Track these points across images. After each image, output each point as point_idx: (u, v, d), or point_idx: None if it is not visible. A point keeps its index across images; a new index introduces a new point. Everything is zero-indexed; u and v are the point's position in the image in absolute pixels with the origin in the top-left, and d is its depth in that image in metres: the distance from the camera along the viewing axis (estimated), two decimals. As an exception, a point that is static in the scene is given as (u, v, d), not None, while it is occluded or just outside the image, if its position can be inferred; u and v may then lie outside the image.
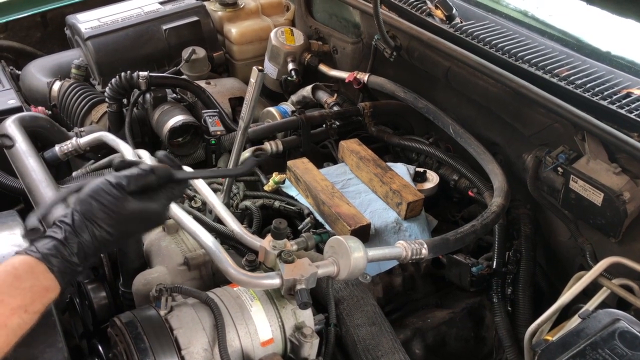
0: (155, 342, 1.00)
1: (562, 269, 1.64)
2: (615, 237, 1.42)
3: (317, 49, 2.32)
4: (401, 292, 1.60)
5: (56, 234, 0.89)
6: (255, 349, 1.08)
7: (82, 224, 0.89)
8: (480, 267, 1.52)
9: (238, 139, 1.48)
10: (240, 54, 2.45)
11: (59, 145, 1.68)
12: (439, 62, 1.84)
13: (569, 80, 1.56)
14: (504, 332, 1.48)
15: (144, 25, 2.24)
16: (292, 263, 1.07)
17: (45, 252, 0.87)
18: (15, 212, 1.28)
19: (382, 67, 2.09)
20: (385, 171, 1.69)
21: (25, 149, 1.52)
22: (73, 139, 1.69)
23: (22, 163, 1.48)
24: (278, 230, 1.11)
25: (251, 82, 1.36)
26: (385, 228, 1.58)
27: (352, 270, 1.08)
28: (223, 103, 2.14)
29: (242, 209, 1.62)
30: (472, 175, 1.71)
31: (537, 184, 1.59)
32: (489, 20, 1.89)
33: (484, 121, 1.80)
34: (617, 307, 1.29)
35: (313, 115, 1.98)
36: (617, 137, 1.36)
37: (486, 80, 1.69)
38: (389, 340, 1.23)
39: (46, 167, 1.48)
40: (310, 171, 1.69)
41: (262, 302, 1.11)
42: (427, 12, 1.95)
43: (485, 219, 1.42)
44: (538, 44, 1.73)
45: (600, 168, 1.43)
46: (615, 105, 1.45)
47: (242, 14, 2.48)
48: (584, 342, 1.00)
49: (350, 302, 1.28)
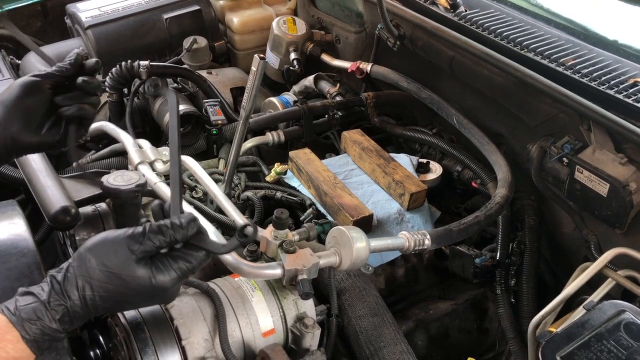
0: (156, 332, 0.99)
1: (566, 260, 1.62)
2: (621, 228, 1.40)
3: (319, 38, 2.30)
4: (404, 283, 1.59)
5: (40, 293, 0.79)
6: (257, 339, 1.07)
7: (73, 283, 0.79)
8: (484, 258, 1.51)
9: (239, 129, 1.46)
10: (241, 43, 2.43)
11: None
12: (443, 51, 1.82)
13: (575, 70, 1.54)
14: (507, 323, 1.47)
15: (144, 15, 2.22)
16: (293, 253, 1.06)
17: (23, 316, 0.76)
18: (15, 202, 1.27)
19: (385, 57, 2.07)
20: (388, 162, 1.68)
21: (25, 139, 1.51)
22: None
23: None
24: (280, 221, 1.09)
25: (252, 70, 1.35)
26: (388, 219, 1.56)
27: (354, 260, 1.07)
28: (224, 93, 2.13)
29: (244, 200, 1.61)
30: (475, 166, 1.69)
31: (541, 175, 1.57)
32: (493, 8, 1.87)
33: (488, 111, 1.78)
34: (622, 298, 1.27)
35: (315, 105, 1.96)
36: (624, 126, 1.34)
37: (491, 70, 1.67)
38: (391, 331, 1.22)
39: (46, 157, 1.47)
40: (313, 162, 1.67)
41: (264, 292, 1.10)
42: (431, 0, 1.93)
43: (489, 210, 1.40)
44: (544, 32, 1.71)
45: (606, 158, 1.41)
46: (622, 95, 1.43)
47: (244, 3, 2.46)
48: (589, 333, 1.00)
49: (352, 293, 1.27)
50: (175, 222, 0.82)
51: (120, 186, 1.16)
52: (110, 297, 0.80)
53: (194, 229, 0.84)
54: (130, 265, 0.80)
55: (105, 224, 1.27)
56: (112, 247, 0.81)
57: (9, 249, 1.11)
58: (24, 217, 1.21)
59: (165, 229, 0.82)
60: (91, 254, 0.80)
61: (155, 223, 0.83)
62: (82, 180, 1.45)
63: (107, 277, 0.80)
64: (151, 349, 0.98)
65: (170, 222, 0.83)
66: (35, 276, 1.07)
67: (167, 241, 0.82)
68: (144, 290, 0.81)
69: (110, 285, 0.80)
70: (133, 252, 0.80)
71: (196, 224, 0.84)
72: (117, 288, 0.80)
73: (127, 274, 0.80)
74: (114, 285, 0.80)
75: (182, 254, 0.84)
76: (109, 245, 0.81)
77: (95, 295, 0.80)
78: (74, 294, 0.79)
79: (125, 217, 1.23)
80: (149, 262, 0.82)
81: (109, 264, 0.80)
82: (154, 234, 0.81)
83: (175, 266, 0.83)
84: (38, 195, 1.29)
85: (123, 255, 0.80)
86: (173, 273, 0.83)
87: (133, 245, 0.80)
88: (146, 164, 1.35)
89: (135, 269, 0.80)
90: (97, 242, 0.82)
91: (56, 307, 0.78)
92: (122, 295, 0.81)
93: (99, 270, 0.79)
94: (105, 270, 0.79)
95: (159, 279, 0.82)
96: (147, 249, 0.81)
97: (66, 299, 0.79)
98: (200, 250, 0.86)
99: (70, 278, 0.79)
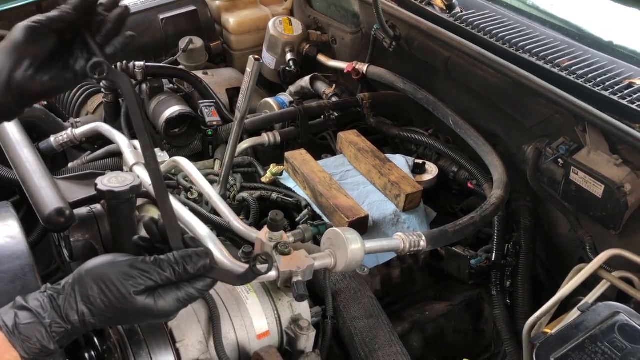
0: (150, 335, 0.99)
1: (562, 261, 1.63)
2: (616, 229, 1.41)
3: (315, 39, 2.30)
4: (399, 284, 1.59)
5: (40, 313, 0.78)
6: (251, 341, 1.07)
7: (74, 307, 0.79)
8: (479, 259, 1.51)
9: (234, 130, 1.46)
10: (238, 43, 2.43)
11: (54, 136, 1.67)
12: (439, 52, 1.82)
13: (570, 71, 1.54)
14: (502, 324, 1.47)
15: (140, 15, 2.22)
16: (288, 255, 1.06)
17: (22, 336, 0.77)
18: (9, 204, 1.26)
19: (381, 58, 2.07)
20: (384, 163, 1.68)
21: (20, 140, 1.50)
22: (69, 130, 1.68)
23: (17, 154, 1.46)
24: (274, 222, 1.09)
25: (247, 71, 1.34)
26: (384, 220, 1.56)
27: (349, 262, 1.07)
28: (220, 93, 2.12)
29: (240, 201, 1.61)
30: (471, 166, 1.70)
31: (537, 176, 1.58)
32: (489, 9, 1.87)
33: (484, 112, 1.78)
34: (617, 299, 1.28)
35: (311, 106, 1.96)
36: (619, 128, 1.34)
37: (486, 71, 1.67)
38: (386, 332, 1.22)
39: (41, 158, 1.46)
40: (308, 163, 1.67)
41: (258, 294, 1.10)
42: (427, 1, 1.93)
43: (485, 211, 1.40)
44: (539, 33, 1.71)
45: (601, 159, 1.41)
46: (617, 96, 1.43)
47: (240, 4, 2.45)
48: (583, 335, 1.00)
49: (347, 295, 1.27)
50: (187, 261, 0.82)
51: (115, 188, 1.15)
52: (110, 322, 0.83)
53: (207, 267, 0.84)
54: (131, 298, 0.80)
55: (100, 226, 1.27)
56: (115, 278, 0.80)
57: (2, 251, 1.10)
58: (17, 219, 1.20)
59: (176, 267, 0.82)
60: (93, 282, 0.80)
61: (164, 259, 0.82)
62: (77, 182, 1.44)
63: (107, 308, 0.80)
64: (145, 351, 0.98)
65: (182, 260, 0.82)
66: (29, 278, 1.07)
67: (173, 280, 0.82)
68: (144, 316, 0.82)
69: (110, 314, 0.81)
70: (135, 287, 0.80)
71: (209, 263, 0.84)
72: (118, 316, 0.81)
73: (128, 306, 0.80)
74: (114, 314, 0.81)
75: (189, 284, 0.84)
76: (112, 275, 0.80)
77: (96, 320, 0.81)
78: (74, 318, 0.80)
79: (119, 219, 1.23)
80: (152, 292, 0.82)
81: (110, 296, 0.80)
82: (162, 271, 0.82)
83: (179, 295, 0.83)
84: (32, 197, 1.29)
85: (125, 290, 0.80)
86: (177, 302, 0.83)
87: (137, 280, 0.80)
88: (141, 165, 1.35)
89: (137, 300, 0.80)
90: (99, 268, 0.82)
91: (57, 330, 0.79)
92: (123, 321, 0.84)
93: (100, 300, 0.80)
94: (107, 301, 0.80)
95: (161, 306, 0.82)
96: (150, 285, 0.81)
97: (67, 323, 0.79)
98: (207, 280, 0.85)
99: (71, 303, 0.80)
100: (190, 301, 0.85)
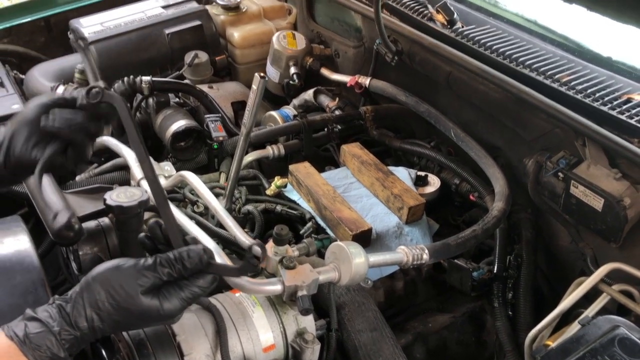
0: (158, 349, 1.01)
1: (563, 273, 1.64)
2: (616, 242, 1.42)
3: (319, 52, 2.32)
4: (402, 296, 1.61)
5: (49, 322, 0.81)
6: (257, 354, 1.09)
7: (82, 314, 0.82)
8: (481, 271, 1.52)
9: (240, 146, 1.49)
10: (242, 57, 2.46)
11: (62, 150, 1.69)
12: (440, 67, 1.84)
13: (569, 86, 1.56)
14: (504, 336, 1.49)
15: (146, 30, 2.25)
16: (293, 269, 1.08)
17: (33, 344, 0.78)
18: (19, 218, 1.29)
19: (383, 71, 2.10)
20: (387, 175, 1.70)
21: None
22: (76, 144, 1.70)
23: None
24: (280, 237, 1.11)
25: (253, 88, 1.37)
26: (387, 232, 1.58)
27: (353, 276, 1.09)
28: (225, 107, 2.15)
29: (245, 213, 1.63)
30: (473, 179, 1.71)
31: (538, 189, 1.60)
32: (490, 25, 1.89)
33: (485, 125, 1.80)
34: (618, 312, 1.29)
35: (315, 119, 1.99)
36: (618, 142, 1.37)
37: (487, 85, 1.70)
38: (389, 345, 1.23)
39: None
40: (312, 175, 1.69)
41: (264, 308, 1.12)
42: (428, 16, 1.95)
43: (487, 223, 1.42)
44: (539, 49, 1.74)
45: (601, 173, 1.43)
46: (616, 111, 1.45)
47: (245, 18, 2.49)
48: (584, 348, 1.01)
49: (351, 308, 1.29)
50: (185, 257, 0.85)
51: (123, 203, 1.18)
52: (118, 326, 0.85)
53: (204, 261, 0.87)
54: (137, 298, 0.83)
55: (108, 239, 1.29)
56: (120, 280, 0.83)
57: (14, 265, 1.13)
58: (28, 233, 1.23)
59: (174, 263, 0.85)
60: (100, 286, 0.83)
61: (163, 256, 0.85)
62: (85, 196, 1.47)
63: (115, 310, 0.83)
64: (154, 364, 0.99)
65: (180, 255, 0.85)
66: (39, 293, 1.09)
67: (175, 276, 0.85)
68: (151, 318, 0.85)
69: (118, 317, 0.83)
70: (141, 286, 0.83)
71: (206, 257, 0.87)
72: (125, 319, 0.84)
73: (135, 307, 0.83)
74: (122, 316, 0.83)
75: (190, 282, 0.87)
76: (117, 278, 0.83)
77: (104, 325, 0.83)
78: (83, 324, 0.82)
79: (127, 233, 1.25)
80: (156, 292, 0.85)
81: (117, 298, 0.82)
82: (163, 268, 0.85)
83: (183, 295, 0.86)
84: (41, 211, 1.31)
85: (131, 290, 0.83)
86: (181, 301, 0.86)
87: (141, 279, 0.83)
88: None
89: (143, 301, 0.83)
90: (105, 273, 0.85)
91: (66, 337, 0.81)
92: (130, 324, 0.86)
93: (108, 304, 0.82)
94: (114, 304, 0.82)
95: (166, 307, 0.85)
96: (154, 282, 0.84)
97: (76, 330, 0.82)
98: (207, 276, 0.88)
99: (79, 309, 0.82)
100: (194, 300, 0.88)
